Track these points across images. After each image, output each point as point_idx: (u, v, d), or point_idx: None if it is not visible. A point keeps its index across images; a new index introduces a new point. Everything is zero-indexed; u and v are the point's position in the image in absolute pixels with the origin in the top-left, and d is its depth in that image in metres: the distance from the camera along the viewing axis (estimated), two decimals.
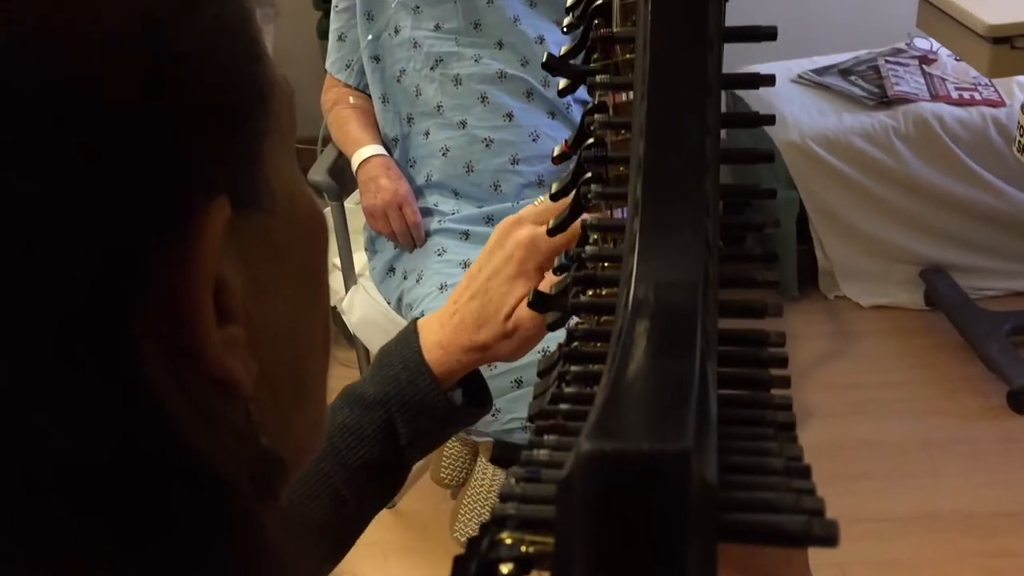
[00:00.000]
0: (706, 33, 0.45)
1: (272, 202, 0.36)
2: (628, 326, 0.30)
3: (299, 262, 0.40)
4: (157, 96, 0.30)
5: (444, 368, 0.67)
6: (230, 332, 0.35)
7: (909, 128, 2.34)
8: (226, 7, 0.32)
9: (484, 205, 1.75)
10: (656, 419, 0.24)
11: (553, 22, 1.80)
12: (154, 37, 0.29)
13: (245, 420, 0.36)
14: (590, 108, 0.48)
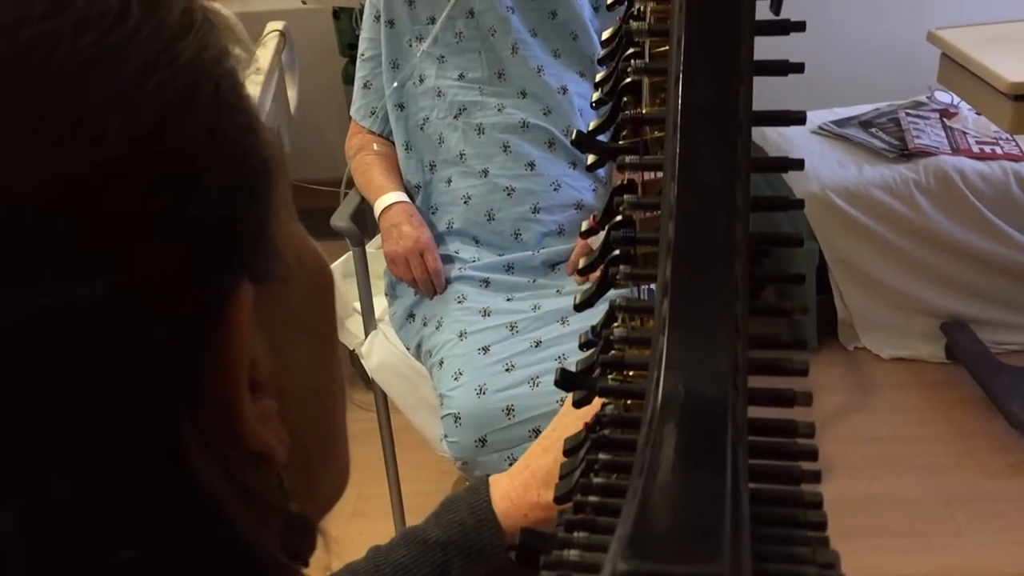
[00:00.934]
0: (736, 117, 0.45)
1: (285, 268, 0.36)
2: (657, 426, 0.30)
3: (312, 319, 0.41)
4: (176, 201, 0.30)
5: (510, 522, 0.67)
6: (263, 405, 0.35)
7: (930, 181, 2.34)
8: (220, 90, 0.33)
9: (505, 253, 1.76)
10: (691, 537, 0.24)
11: (576, 73, 1.82)
12: (163, 143, 0.30)
13: (277, 489, 0.37)
14: (619, 187, 0.48)
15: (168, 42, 0.31)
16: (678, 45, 0.46)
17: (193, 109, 0.31)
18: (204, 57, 0.32)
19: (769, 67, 0.49)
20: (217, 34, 0.33)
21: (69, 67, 0.28)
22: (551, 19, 1.81)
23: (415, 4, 1.85)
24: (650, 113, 0.48)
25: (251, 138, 0.34)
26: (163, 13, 0.31)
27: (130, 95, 0.29)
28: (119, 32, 0.29)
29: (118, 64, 0.29)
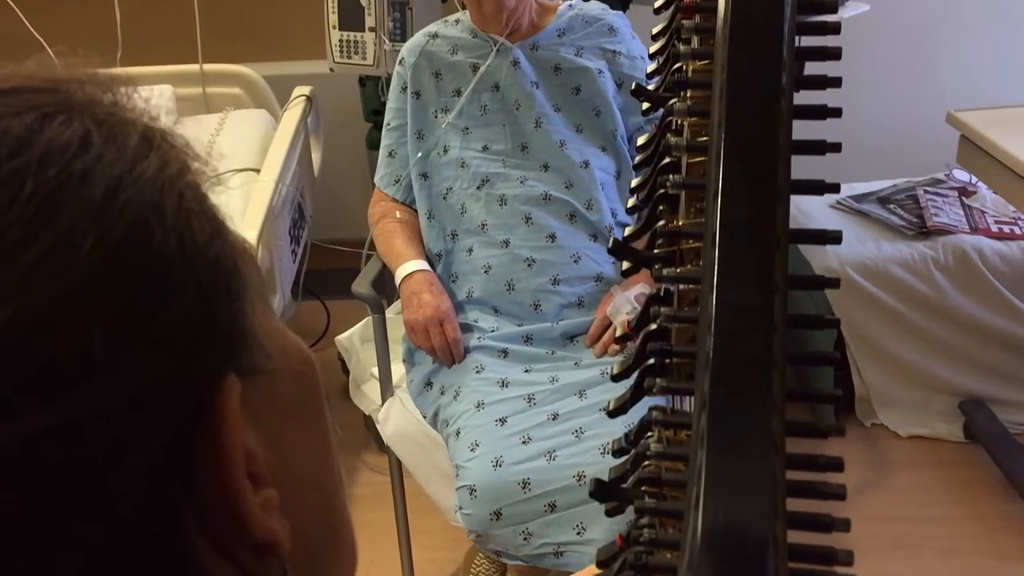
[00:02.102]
0: (774, 232, 0.46)
1: (268, 359, 0.37)
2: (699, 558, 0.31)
3: (302, 407, 0.42)
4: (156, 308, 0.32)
5: None
6: (265, 495, 0.36)
7: (948, 259, 2.34)
8: (184, 199, 0.34)
9: (524, 324, 1.77)
10: None
11: (598, 147, 1.85)
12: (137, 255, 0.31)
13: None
14: (655, 296, 0.49)
15: (131, 163, 0.32)
16: (717, 160, 0.47)
17: (162, 220, 0.32)
18: (167, 172, 0.33)
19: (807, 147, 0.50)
20: (177, 151, 0.35)
21: (39, 196, 0.30)
22: (575, 95, 1.84)
23: (442, 77, 1.88)
24: (687, 226, 0.49)
25: (219, 241, 0.35)
26: (123, 139, 0.33)
27: (100, 214, 0.31)
28: (83, 161, 0.31)
29: (85, 188, 0.31)
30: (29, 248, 0.29)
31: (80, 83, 0.35)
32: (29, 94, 0.33)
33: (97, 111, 0.34)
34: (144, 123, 0.35)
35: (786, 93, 0.49)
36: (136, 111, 0.35)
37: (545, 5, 1.92)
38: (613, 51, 1.87)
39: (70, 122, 0.32)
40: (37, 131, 0.31)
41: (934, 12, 2.89)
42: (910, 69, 2.94)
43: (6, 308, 0.28)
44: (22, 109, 0.32)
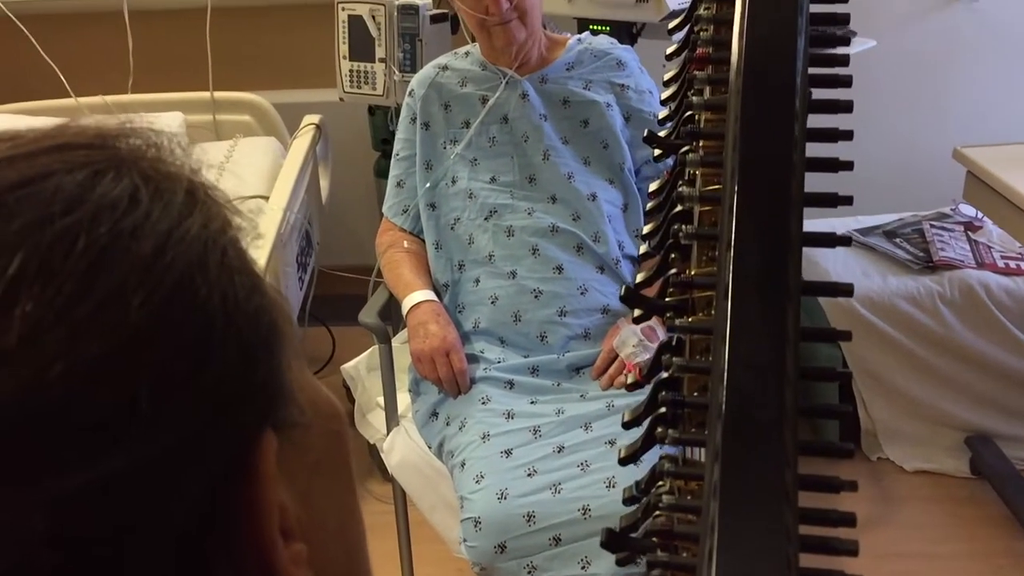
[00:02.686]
0: (787, 285, 0.46)
1: (302, 414, 0.38)
2: None
3: (331, 462, 0.42)
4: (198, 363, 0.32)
5: None
6: (294, 550, 0.36)
7: (954, 294, 2.34)
8: (227, 256, 0.35)
9: (530, 355, 1.77)
10: None
11: (606, 180, 1.85)
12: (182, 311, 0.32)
13: None
14: (667, 344, 0.49)
15: (177, 220, 0.33)
16: (730, 212, 0.48)
17: (206, 276, 0.33)
18: (210, 228, 0.34)
19: (821, 164, 0.51)
20: (219, 207, 0.36)
21: (91, 252, 0.30)
22: (583, 128, 1.86)
23: (451, 108, 1.90)
24: (699, 275, 0.49)
25: (259, 297, 0.36)
26: (169, 195, 0.34)
27: (149, 270, 0.31)
28: (132, 218, 0.32)
29: (135, 244, 0.31)
30: (81, 303, 0.30)
31: (127, 137, 0.36)
32: (80, 150, 0.33)
33: (144, 166, 0.34)
34: (188, 178, 0.36)
35: (798, 145, 0.50)
36: (180, 164, 0.36)
37: (554, 39, 1.94)
38: (621, 85, 1.88)
39: (119, 178, 0.33)
40: (89, 188, 0.32)
41: (940, 47, 2.91)
42: (916, 103, 2.96)
43: (56, 364, 0.29)
44: (75, 165, 0.33)
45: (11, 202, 0.31)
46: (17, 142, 0.34)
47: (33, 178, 0.32)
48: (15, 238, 0.30)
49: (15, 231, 0.30)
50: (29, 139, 0.34)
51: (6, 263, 0.29)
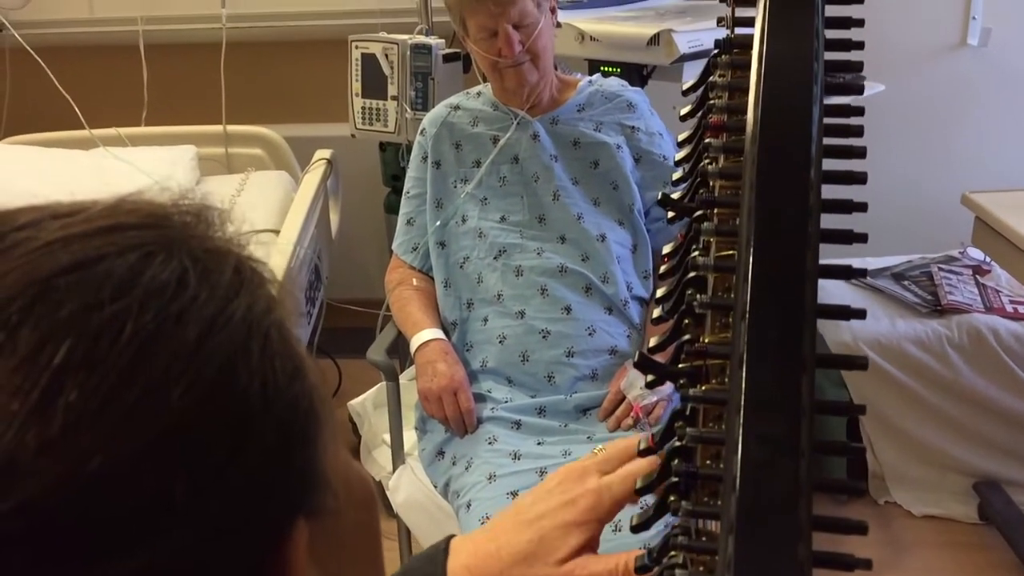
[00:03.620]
0: (801, 355, 0.47)
1: (335, 499, 0.38)
2: None
3: (361, 544, 0.42)
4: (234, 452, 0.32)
5: None
6: None
7: (963, 338, 2.33)
8: (269, 340, 0.35)
9: (537, 396, 1.77)
10: None
11: (615, 221, 1.86)
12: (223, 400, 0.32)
13: None
14: (679, 412, 0.49)
15: (223, 303, 0.33)
16: (744, 281, 0.48)
17: (247, 363, 0.33)
18: (255, 311, 0.34)
19: (835, 206, 0.51)
20: (265, 287, 0.36)
21: (135, 343, 0.31)
22: (593, 168, 1.87)
23: (462, 147, 1.91)
24: (713, 343, 0.49)
25: (299, 381, 0.36)
26: (216, 276, 0.34)
27: (191, 359, 0.32)
28: (180, 302, 0.32)
29: (181, 330, 0.32)
30: (125, 394, 0.30)
31: (179, 214, 0.36)
32: (133, 230, 0.34)
33: (193, 245, 0.35)
34: (236, 255, 0.36)
35: (814, 215, 0.50)
36: (227, 240, 0.36)
37: (565, 80, 1.96)
38: (632, 127, 1.89)
39: (169, 260, 0.33)
40: (139, 272, 0.32)
41: (949, 92, 2.92)
42: (925, 147, 2.97)
43: (96, 457, 0.29)
44: (125, 248, 0.33)
45: (63, 287, 0.31)
46: (73, 220, 0.34)
47: (85, 262, 0.32)
48: (64, 325, 0.30)
49: (64, 318, 0.30)
50: (84, 217, 0.35)
51: (53, 351, 0.30)
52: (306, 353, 0.38)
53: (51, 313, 0.30)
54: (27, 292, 0.31)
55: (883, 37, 2.71)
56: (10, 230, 0.33)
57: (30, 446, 0.28)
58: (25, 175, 2.59)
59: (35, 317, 0.30)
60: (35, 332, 0.30)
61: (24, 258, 0.32)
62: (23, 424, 0.29)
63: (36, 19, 2.99)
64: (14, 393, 0.29)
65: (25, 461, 0.28)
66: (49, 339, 0.30)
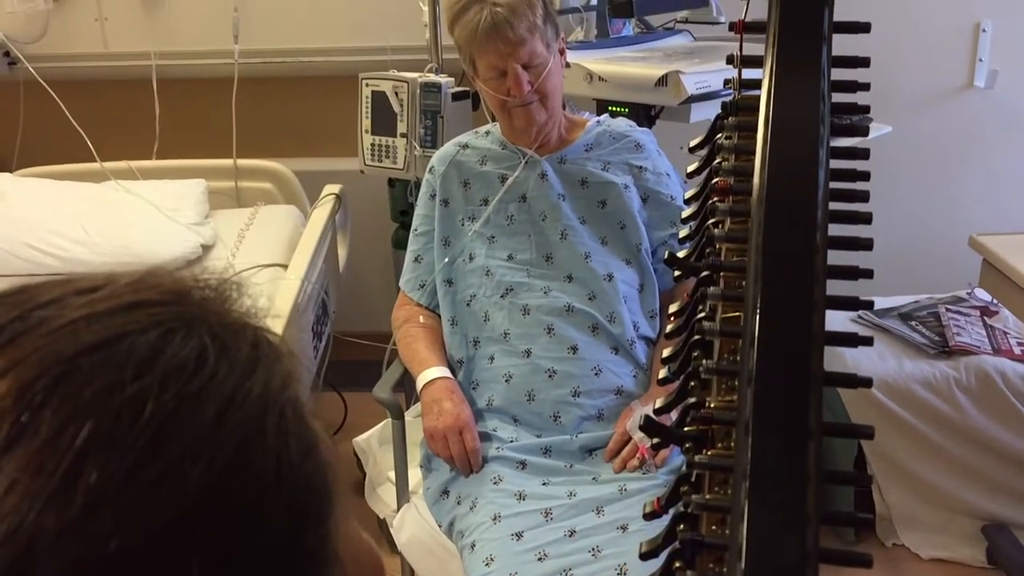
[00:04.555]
0: (808, 424, 0.47)
1: (343, 573, 0.38)
2: None
3: None
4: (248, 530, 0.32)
5: None
6: None
7: (971, 380, 2.32)
8: (284, 418, 0.35)
9: (543, 435, 1.76)
10: None
11: (623, 261, 1.86)
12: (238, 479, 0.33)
13: None
14: (684, 477, 0.49)
15: (240, 379, 0.34)
16: (751, 347, 0.48)
17: (263, 441, 0.34)
18: (271, 388, 0.35)
19: (842, 243, 0.52)
20: (281, 361, 0.37)
21: (155, 423, 0.31)
22: (600, 208, 1.87)
23: (470, 186, 1.92)
24: (718, 408, 0.49)
25: (313, 458, 0.37)
26: (234, 352, 0.34)
27: (209, 440, 0.32)
28: (198, 380, 0.32)
29: (199, 410, 0.32)
30: (144, 474, 0.30)
31: (199, 289, 0.37)
32: (152, 308, 0.34)
33: (212, 322, 0.35)
34: (253, 331, 0.36)
35: (820, 280, 0.50)
36: (245, 313, 0.37)
37: (573, 120, 1.97)
38: (639, 167, 1.90)
39: (189, 337, 0.34)
40: (159, 350, 0.33)
41: (956, 133, 2.93)
42: (932, 188, 2.97)
43: (114, 538, 0.29)
44: (147, 325, 0.34)
45: (86, 366, 0.32)
46: (96, 296, 0.35)
47: (108, 340, 0.33)
48: (87, 405, 0.31)
49: (87, 398, 0.31)
50: (107, 294, 0.35)
51: (76, 431, 0.30)
52: (319, 428, 0.38)
53: (75, 394, 0.31)
54: (51, 372, 0.31)
55: (890, 78, 2.73)
56: (34, 307, 0.34)
57: (50, 528, 0.29)
58: (37, 207, 2.61)
59: (58, 397, 0.31)
60: (58, 413, 0.30)
61: (48, 337, 0.32)
62: (44, 506, 0.29)
63: (50, 53, 3.03)
64: (36, 474, 0.29)
65: (45, 543, 0.29)
66: (72, 420, 0.30)
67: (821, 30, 0.59)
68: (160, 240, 2.53)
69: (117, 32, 3.08)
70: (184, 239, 2.56)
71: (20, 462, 0.30)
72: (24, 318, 0.33)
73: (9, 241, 2.51)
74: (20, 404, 0.30)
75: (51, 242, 2.51)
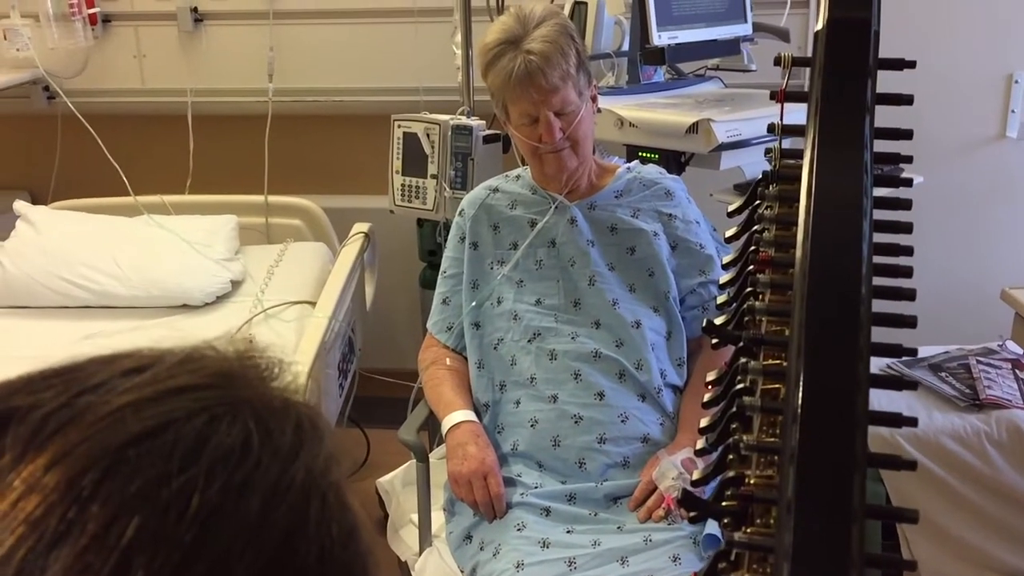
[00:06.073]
0: (851, 505, 0.46)
1: None
2: None
3: None
4: None
5: None
6: None
7: (1002, 435, 2.29)
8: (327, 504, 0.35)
9: (568, 482, 1.75)
10: None
11: (651, 308, 1.86)
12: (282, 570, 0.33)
13: None
14: (722, 554, 0.49)
15: (284, 466, 0.34)
16: (793, 424, 0.48)
17: (306, 530, 0.34)
18: (314, 473, 0.35)
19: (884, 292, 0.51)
20: (323, 442, 0.37)
21: (200, 518, 0.31)
22: (629, 255, 1.87)
23: (500, 229, 1.93)
24: (759, 486, 0.49)
25: (353, 545, 0.37)
26: (278, 437, 0.35)
27: (254, 533, 0.32)
28: (243, 469, 0.33)
29: (243, 503, 0.32)
30: (188, 572, 0.30)
31: (244, 370, 0.37)
32: (197, 392, 0.35)
33: (256, 404, 0.36)
34: (296, 411, 0.37)
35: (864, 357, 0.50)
36: (288, 391, 0.37)
37: (604, 166, 1.98)
38: (669, 214, 1.90)
39: (233, 423, 0.34)
40: (205, 438, 0.33)
41: (988, 184, 2.92)
42: (963, 238, 2.95)
43: None
44: (193, 411, 0.34)
45: (133, 458, 0.32)
46: (142, 379, 0.35)
47: (154, 429, 0.33)
48: (134, 499, 0.31)
49: (134, 492, 0.31)
50: (152, 377, 0.35)
51: (123, 528, 0.30)
52: (359, 510, 0.38)
53: (121, 488, 0.31)
54: (99, 464, 0.31)
55: (923, 129, 2.70)
56: (80, 392, 0.34)
57: None
58: (70, 240, 2.64)
59: (106, 492, 0.31)
60: (105, 508, 0.30)
61: (95, 426, 0.32)
62: None
63: (89, 87, 3.09)
64: (83, 574, 0.29)
65: None
66: (119, 515, 0.30)
67: (864, 101, 0.59)
68: (190, 275, 2.55)
69: (155, 69, 3.14)
70: (214, 274, 2.58)
71: (67, 560, 0.30)
72: (71, 405, 0.33)
73: (43, 273, 2.54)
74: (68, 498, 0.31)
75: (84, 275, 2.54)
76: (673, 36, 2.25)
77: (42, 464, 0.31)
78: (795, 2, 2.78)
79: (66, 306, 2.53)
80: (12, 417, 0.33)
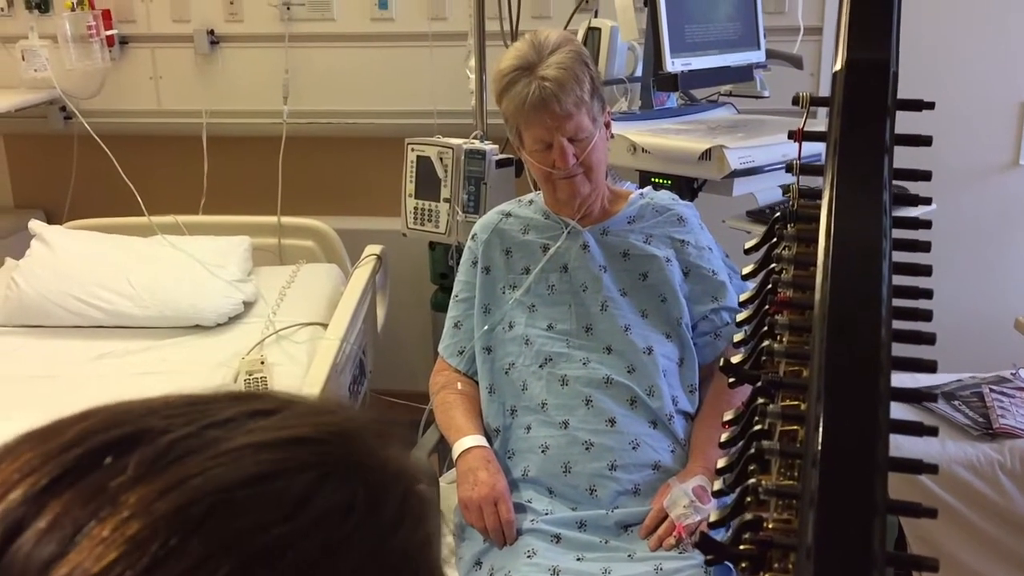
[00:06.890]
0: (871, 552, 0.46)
1: None
2: None
3: None
4: None
5: None
6: None
7: (1015, 464, 2.27)
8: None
9: (578, 509, 1.74)
10: None
11: (663, 334, 1.86)
12: None
13: None
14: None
15: (382, 538, 0.34)
16: (812, 468, 0.48)
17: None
18: (410, 549, 0.35)
19: (905, 336, 0.51)
20: (426, 521, 0.37)
21: (291, 570, 0.31)
22: (641, 280, 1.87)
23: (512, 254, 1.93)
24: (777, 531, 0.49)
25: (427, 551, 0.37)
26: (382, 507, 0.35)
27: None
28: (341, 531, 0.33)
29: (337, 564, 0.32)
30: None
31: (362, 432, 0.37)
32: (316, 446, 0.35)
33: (369, 469, 0.36)
34: (405, 485, 0.37)
35: (883, 402, 0.50)
36: (402, 462, 0.38)
37: (617, 192, 1.98)
38: (681, 240, 1.90)
39: (342, 485, 0.34)
40: (311, 494, 0.33)
41: (999, 212, 2.91)
42: (975, 266, 2.95)
43: None
44: (306, 464, 0.34)
45: (241, 498, 0.32)
46: (268, 424, 0.35)
47: (267, 475, 0.33)
48: (233, 539, 0.31)
49: (234, 532, 0.31)
50: (278, 423, 0.35)
51: (216, 567, 0.30)
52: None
53: (224, 526, 0.31)
54: (207, 499, 0.32)
55: (936, 156, 2.71)
56: (210, 424, 0.34)
57: None
58: (85, 259, 2.66)
59: (207, 529, 0.31)
60: (205, 543, 0.31)
61: (214, 460, 0.33)
62: None
63: (105, 108, 3.11)
64: None
65: None
66: (215, 553, 0.31)
67: (883, 142, 0.59)
68: (203, 296, 2.56)
69: (171, 90, 3.16)
70: (226, 295, 2.59)
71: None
72: (199, 435, 0.34)
73: (57, 293, 2.56)
74: (173, 526, 0.31)
75: (97, 295, 2.56)
76: (686, 62, 2.25)
77: (157, 488, 0.32)
78: (808, 29, 2.79)
79: (79, 326, 2.54)
80: (143, 438, 0.34)
